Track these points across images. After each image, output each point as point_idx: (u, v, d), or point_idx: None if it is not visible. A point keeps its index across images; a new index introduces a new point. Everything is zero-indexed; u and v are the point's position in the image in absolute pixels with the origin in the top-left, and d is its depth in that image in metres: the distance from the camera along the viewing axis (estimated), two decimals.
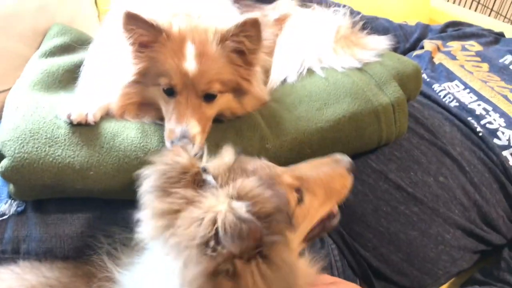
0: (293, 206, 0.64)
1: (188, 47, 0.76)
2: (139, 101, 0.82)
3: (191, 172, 0.59)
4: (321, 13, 1.07)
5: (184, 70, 0.75)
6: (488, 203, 0.97)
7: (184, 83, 0.76)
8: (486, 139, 1.01)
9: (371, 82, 0.94)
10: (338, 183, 0.72)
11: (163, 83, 0.77)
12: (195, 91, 0.77)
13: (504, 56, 1.24)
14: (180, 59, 0.75)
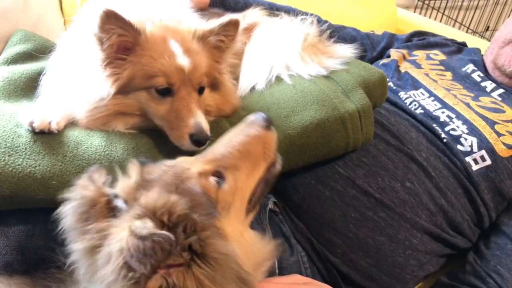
0: (214, 192, 0.61)
1: (173, 45, 0.76)
2: (114, 112, 0.79)
3: (101, 203, 0.56)
4: (289, 22, 1.08)
5: (179, 67, 0.75)
6: (453, 207, 0.99)
7: (181, 79, 0.76)
8: (450, 145, 1.04)
9: (338, 89, 0.95)
10: (258, 146, 0.68)
11: (159, 84, 0.75)
12: (192, 86, 0.78)
13: (466, 65, 1.28)
14: (171, 57, 0.75)
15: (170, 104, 0.77)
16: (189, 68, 0.76)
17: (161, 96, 0.77)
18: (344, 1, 1.67)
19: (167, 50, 0.75)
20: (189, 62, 0.76)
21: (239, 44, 1.04)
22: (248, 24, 1.07)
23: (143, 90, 0.77)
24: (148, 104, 0.78)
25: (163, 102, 0.77)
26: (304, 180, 0.97)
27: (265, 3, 1.27)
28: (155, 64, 0.75)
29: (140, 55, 0.75)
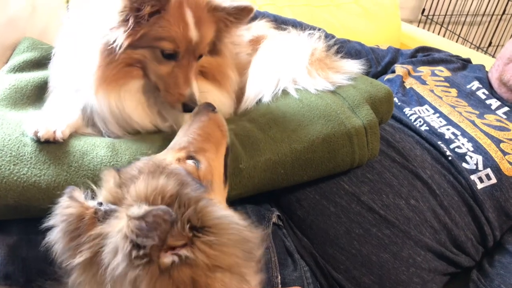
0: (195, 172, 0.65)
1: (188, 14, 0.80)
2: (123, 65, 0.81)
3: (88, 214, 0.56)
4: (296, 36, 1.08)
5: (188, 37, 0.80)
6: (457, 226, 0.99)
7: (187, 48, 0.81)
8: (455, 163, 1.04)
9: (344, 104, 0.95)
10: (213, 128, 0.76)
11: (166, 48, 0.80)
12: (194, 55, 0.82)
13: (471, 82, 1.28)
14: (183, 27, 0.79)
15: (171, 67, 0.82)
16: (196, 39, 0.81)
17: (165, 59, 0.81)
18: (349, 15, 1.68)
19: (182, 18, 0.79)
20: (198, 35, 0.81)
21: (245, 56, 1.04)
22: (254, 36, 1.08)
23: (149, 48, 0.80)
24: (151, 62, 0.82)
25: (165, 64, 0.81)
26: (309, 194, 0.96)
27: (271, 15, 1.27)
28: (169, 30, 0.79)
29: (160, 17, 0.78)
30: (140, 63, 0.82)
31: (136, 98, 0.84)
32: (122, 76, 0.81)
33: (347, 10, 1.67)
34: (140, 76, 0.83)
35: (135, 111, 0.84)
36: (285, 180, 0.90)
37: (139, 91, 0.84)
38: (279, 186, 0.91)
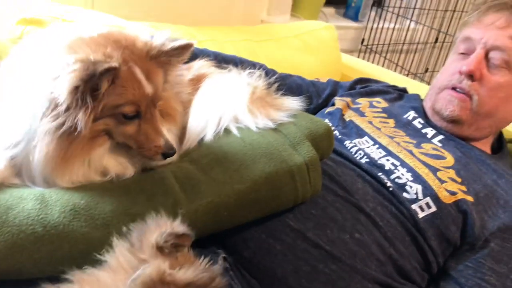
0: None
1: (137, 72, 0.79)
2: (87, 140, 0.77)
3: None
4: (237, 75, 1.08)
5: (145, 94, 0.79)
6: (402, 256, 1.00)
7: (147, 103, 0.80)
8: (396, 194, 1.06)
9: (286, 142, 0.95)
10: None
11: (128, 112, 0.78)
12: (153, 105, 0.82)
13: (408, 112, 1.33)
14: (138, 86, 0.79)
15: (137, 126, 0.81)
16: (152, 91, 0.81)
17: (129, 120, 0.79)
18: (290, 49, 1.72)
19: (134, 79, 0.78)
20: (151, 86, 0.80)
21: (186, 95, 1.03)
22: (195, 75, 1.07)
23: (111, 116, 0.78)
24: (115, 127, 0.79)
25: (130, 125, 0.80)
26: (255, 234, 0.95)
27: (211, 53, 1.27)
28: (126, 95, 0.77)
29: (114, 86, 0.76)
30: (104, 131, 0.80)
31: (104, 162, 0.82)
32: (88, 149, 0.78)
33: (287, 44, 1.71)
34: (106, 140, 0.81)
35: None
36: (229, 221, 0.88)
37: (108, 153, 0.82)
38: (223, 228, 0.89)
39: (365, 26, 2.74)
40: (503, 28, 1.20)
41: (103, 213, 0.75)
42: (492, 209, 1.09)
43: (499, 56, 1.19)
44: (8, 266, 0.68)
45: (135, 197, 0.79)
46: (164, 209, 0.78)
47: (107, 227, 0.74)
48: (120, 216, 0.76)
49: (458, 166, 1.13)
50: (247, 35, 1.64)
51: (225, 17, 1.97)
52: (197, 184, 0.84)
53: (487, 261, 1.04)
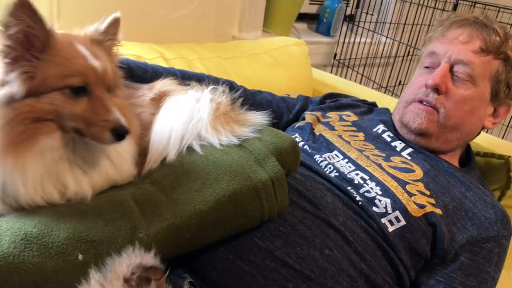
0: None
1: (81, 48, 0.78)
2: (29, 120, 0.74)
3: None
4: (200, 91, 1.07)
5: (92, 67, 0.77)
6: (374, 270, 0.98)
7: (95, 79, 0.77)
8: (366, 208, 1.05)
9: (250, 158, 0.93)
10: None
11: (75, 83, 0.74)
12: (104, 86, 0.79)
13: (377, 126, 1.33)
14: (84, 58, 0.77)
15: (86, 103, 0.77)
16: (101, 69, 0.78)
17: (76, 96, 0.76)
18: (260, 65, 1.71)
19: (78, 52, 0.77)
20: (100, 64, 0.78)
21: (148, 115, 1.01)
22: (156, 94, 1.05)
23: (56, 91, 0.74)
24: (62, 106, 0.75)
25: (78, 102, 0.76)
26: (222, 255, 0.92)
27: (177, 72, 1.25)
28: (70, 64, 0.75)
29: (52, 54, 0.74)
30: (50, 114, 0.75)
31: (40, 166, 0.76)
32: (33, 133, 0.74)
33: (258, 61, 1.71)
34: (54, 129, 0.77)
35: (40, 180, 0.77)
36: (192, 244, 0.85)
37: (45, 153, 0.77)
38: (187, 251, 0.86)
39: (337, 41, 2.77)
40: (465, 42, 1.23)
41: (58, 241, 0.72)
42: (461, 221, 1.08)
43: (463, 69, 1.21)
44: None
45: (92, 223, 0.76)
46: (122, 233, 0.76)
47: (61, 255, 0.71)
48: (76, 243, 0.72)
49: (426, 179, 1.13)
50: (217, 52, 1.63)
51: (196, 35, 1.97)
52: (157, 206, 0.82)
53: (457, 275, 1.03)
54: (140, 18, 1.75)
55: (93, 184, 0.82)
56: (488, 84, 1.23)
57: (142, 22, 1.76)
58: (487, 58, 1.21)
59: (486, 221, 1.09)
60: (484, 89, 1.23)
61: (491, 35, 1.21)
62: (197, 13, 1.92)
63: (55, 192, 0.78)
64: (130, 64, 1.17)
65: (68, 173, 0.79)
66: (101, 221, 0.76)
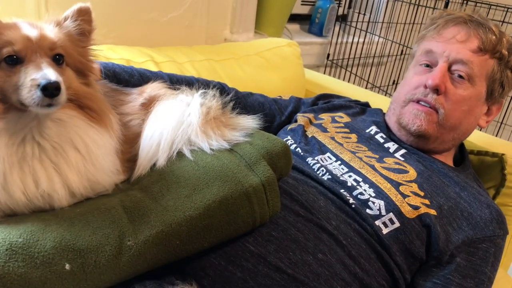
0: None
1: (20, 22, 0.78)
2: None
3: None
4: (190, 95, 1.05)
5: (25, 36, 0.75)
6: (368, 274, 0.97)
7: (29, 47, 0.75)
8: (359, 210, 1.04)
9: (241, 163, 0.92)
10: None
11: (4, 54, 0.73)
12: (43, 53, 0.76)
13: (370, 127, 1.32)
14: (16, 29, 0.76)
15: (22, 71, 0.74)
16: (37, 37, 0.76)
17: (13, 67, 0.74)
18: (252, 67, 1.70)
19: (13, 25, 0.77)
20: (37, 33, 0.77)
21: (137, 122, 0.99)
22: (146, 99, 1.03)
23: None
24: (4, 82, 0.74)
25: (15, 72, 0.74)
26: (214, 261, 0.90)
27: (165, 75, 1.24)
28: (1, 36, 0.74)
29: None
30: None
31: (2, 149, 0.74)
32: None
33: (249, 62, 1.69)
34: (1, 111, 0.75)
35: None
36: (183, 251, 0.83)
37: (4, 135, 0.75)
38: (178, 258, 0.84)
39: (330, 41, 2.76)
40: (463, 41, 1.21)
41: (44, 250, 0.70)
42: (457, 221, 1.08)
43: (461, 69, 1.20)
44: None
45: (79, 231, 0.74)
46: (110, 241, 0.75)
47: (48, 265, 0.69)
48: (62, 253, 0.71)
49: (420, 179, 1.12)
50: (208, 54, 1.61)
51: (187, 37, 1.95)
52: (146, 213, 0.80)
53: (454, 277, 1.02)
54: (130, 22, 1.73)
55: (67, 183, 0.80)
56: (484, 83, 1.22)
57: (132, 26, 1.74)
58: (484, 57, 1.21)
59: (482, 221, 1.08)
60: (480, 89, 1.22)
61: (487, 33, 1.21)
62: (188, 16, 1.90)
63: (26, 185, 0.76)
64: (115, 69, 1.16)
65: (38, 167, 0.77)
66: (89, 229, 0.75)
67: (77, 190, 0.82)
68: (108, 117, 0.87)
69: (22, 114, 0.76)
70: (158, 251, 0.79)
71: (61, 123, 0.80)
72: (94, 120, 0.84)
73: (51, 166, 0.78)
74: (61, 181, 0.79)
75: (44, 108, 0.73)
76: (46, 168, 0.78)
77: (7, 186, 0.75)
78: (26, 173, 0.76)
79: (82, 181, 0.82)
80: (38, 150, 0.78)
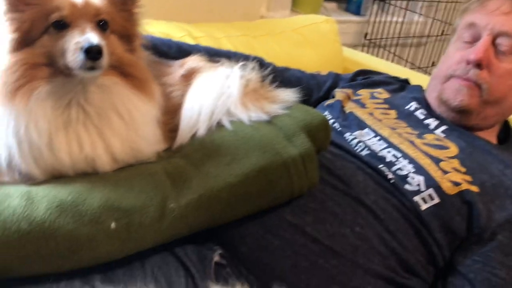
0: None
1: None
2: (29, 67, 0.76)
3: None
4: (229, 68, 1.06)
5: (72, 2, 0.77)
6: (406, 249, 0.96)
7: (75, 12, 0.76)
8: (398, 186, 1.02)
9: (280, 134, 0.93)
10: None
11: (53, 19, 0.75)
12: (88, 19, 0.77)
13: (410, 103, 1.29)
14: None
15: (67, 36, 0.76)
16: (82, 3, 0.77)
17: (60, 32, 0.76)
18: (288, 43, 1.69)
19: None
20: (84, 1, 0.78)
21: (178, 93, 1.01)
22: (187, 71, 1.05)
23: (45, 34, 0.76)
24: (51, 45, 0.76)
25: (61, 37, 0.76)
26: (252, 230, 0.92)
27: (203, 49, 1.25)
28: (49, 2, 0.76)
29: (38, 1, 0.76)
30: (45, 59, 0.77)
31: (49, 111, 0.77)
32: (28, 80, 0.75)
33: (286, 39, 1.68)
34: (48, 75, 0.77)
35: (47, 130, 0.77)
36: (222, 217, 0.85)
37: (51, 98, 0.77)
38: (217, 224, 0.87)
39: (367, 20, 2.70)
40: (508, 13, 1.16)
41: (91, 209, 0.73)
42: (500, 199, 1.04)
43: (506, 42, 1.15)
44: None
45: (124, 193, 0.77)
46: (154, 203, 0.77)
47: (94, 223, 0.73)
48: (109, 212, 0.74)
49: (462, 155, 1.09)
50: (244, 30, 1.61)
51: (224, 14, 1.96)
52: (188, 179, 0.82)
53: (496, 254, 1.00)
54: None
55: (110, 149, 0.82)
56: None
57: (170, 1, 1.76)
58: None
59: None
60: None
61: None
62: None
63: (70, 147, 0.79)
64: (154, 41, 1.17)
65: (82, 131, 0.79)
66: (133, 191, 0.78)
67: (119, 156, 0.84)
68: (151, 85, 0.88)
69: (68, 79, 0.78)
70: (199, 215, 0.81)
71: (105, 89, 0.82)
72: (137, 88, 0.85)
73: (95, 131, 0.81)
74: (104, 146, 0.81)
75: (87, 71, 0.75)
76: (90, 132, 0.80)
77: (53, 147, 0.77)
78: (71, 136, 0.79)
79: (124, 148, 0.84)
80: (82, 114, 0.80)
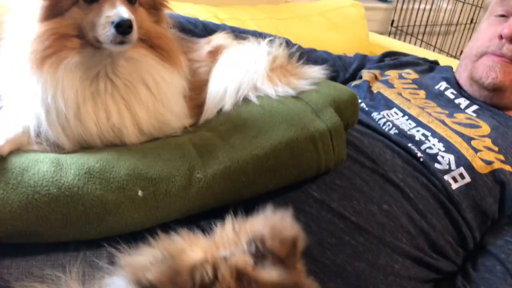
0: None
1: None
2: (58, 37, 0.76)
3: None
4: (256, 43, 1.05)
5: None
6: (435, 229, 0.94)
7: None
8: (427, 164, 1.00)
9: (307, 108, 0.91)
10: None
11: None
12: None
13: (439, 83, 1.26)
14: None
15: (97, 9, 0.76)
16: None
17: (90, 5, 0.76)
18: (315, 27, 1.67)
19: None
20: None
21: (205, 69, 1.01)
22: (213, 47, 1.04)
23: (75, 6, 0.76)
24: (81, 18, 0.76)
25: (91, 10, 0.76)
26: (277, 205, 0.91)
27: (228, 27, 1.24)
28: None
29: None
30: (74, 30, 0.77)
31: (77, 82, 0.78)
32: (57, 50, 0.76)
33: (312, 22, 1.66)
34: (77, 46, 0.77)
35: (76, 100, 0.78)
36: (248, 189, 0.85)
37: (79, 69, 0.78)
38: (243, 196, 0.86)
39: (394, 7, 2.65)
40: None
41: (118, 176, 0.74)
42: None
43: None
44: (24, 227, 0.68)
45: (151, 162, 0.77)
46: (180, 173, 0.77)
47: (122, 190, 0.73)
48: (136, 180, 0.74)
49: (495, 134, 1.06)
50: (270, 13, 1.60)
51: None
52: (214, 150, 0.82)
53: None
54: None
55: (137, 120, 0.83)
56: None
57: None
58: None
59: None
60: None
61: None
62: None
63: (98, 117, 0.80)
64: (180, 19, 1.18)
65: (110, 102, 0.80)
66: (160, 160, 0.78)
67: (146, 128, 0.85)
68: (178, 57, 0.88)
69: (97, 51, 0.79)
70: (225, 185, 0.80)
71: (133, 61, 0.82)
72: (165, 59, 0.86)
73: (122, 102, 0.82)
74: (130, 117, 0.82)
75: (117, 46, 0.76)
76: (117, 104, 0.81)
77: (81, 116, 0.78)
78: (99, 106, 0.80)
79: (151, 119, 0.85)
80: (110, 86, 0.81)
